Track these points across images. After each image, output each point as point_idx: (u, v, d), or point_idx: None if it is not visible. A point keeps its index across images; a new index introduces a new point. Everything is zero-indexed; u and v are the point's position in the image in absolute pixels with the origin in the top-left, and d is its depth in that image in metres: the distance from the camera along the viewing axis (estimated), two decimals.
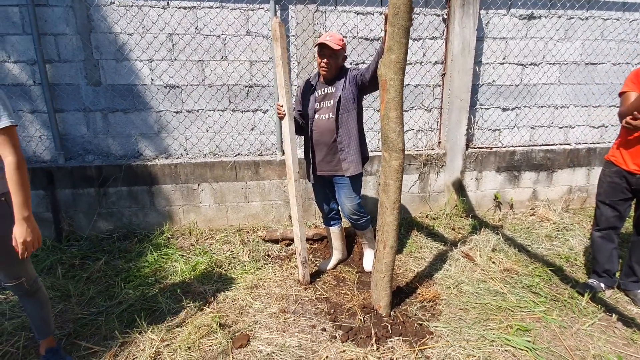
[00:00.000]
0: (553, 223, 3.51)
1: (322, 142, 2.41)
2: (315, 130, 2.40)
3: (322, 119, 2.38)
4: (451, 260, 2.80)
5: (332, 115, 2.34)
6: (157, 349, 1.90)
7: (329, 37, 2.26)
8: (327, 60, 2.28)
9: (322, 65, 2.31)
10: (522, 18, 3.53)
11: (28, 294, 1.72)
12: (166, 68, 3.14)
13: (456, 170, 3.66)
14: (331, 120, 2.35)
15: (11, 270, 1.63)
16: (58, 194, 3.09)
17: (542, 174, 3.83)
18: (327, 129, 2.37)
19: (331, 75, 2.36)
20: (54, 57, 2.98)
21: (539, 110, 3.81)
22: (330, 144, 2.39)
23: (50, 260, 2.76)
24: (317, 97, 2.41)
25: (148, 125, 3.23)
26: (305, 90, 2.48)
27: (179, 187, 3.25)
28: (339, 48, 2.26)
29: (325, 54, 2.28)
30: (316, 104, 2.40)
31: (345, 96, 2.32)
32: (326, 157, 2.43)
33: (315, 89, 2.43)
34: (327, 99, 2.38)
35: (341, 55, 2.33)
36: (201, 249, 2.97)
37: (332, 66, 2.30)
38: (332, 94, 2.36)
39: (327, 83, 2.40)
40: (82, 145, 3.19)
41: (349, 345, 1.94)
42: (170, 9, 3.03)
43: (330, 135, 2.37)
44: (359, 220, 2.56)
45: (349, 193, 2.46)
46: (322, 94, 2.40)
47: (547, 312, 2.24)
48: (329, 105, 2.37)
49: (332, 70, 2.32)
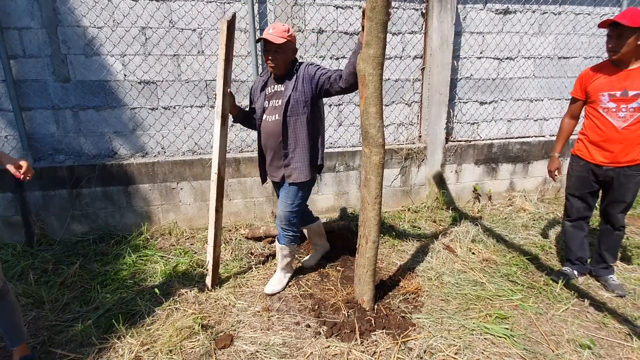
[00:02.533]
0: (529, 213, 3.63)
1: (268, 145, 2.21)
2: (263, 133, 2.21)
3: (269, 120, 2.17)
4: (433, 252, 2.85)
5: (279, 117, 2.13)
6: (136, 353, 1.86)
7: (272, 29, 2.04)
8: (272, 56, 2.07)
9: (268, 62, 2.10)
10: (498, 13, 3.59)
11: None
12: (140, 63, 3.02)
13: (436, 163, 3.71)
14: (278, 123, 2.13)
15: None
16: (27, 196, 2.95)
17: (518, 166, 3.94)
18: (273, 131, 2.16)
19: (280, 72, 2.14)
20: (19, 53, 2.82)
21: (515, 104, 3.91)
22: (277, 148, 2.19)
23: (22, 265, 2.64)
24: (266, 94, 2.22)
25: (122, 122, 3.12)
26: (257, 86, 2.28)
27: (157, 187, 3.16)
28: (284, 41, 2.03)
29: (269, 50, 2.06)
30: (265, 102, 2.21)
31: (296, 98, 2.10)
32: (273, 161, 2.24)
33: (266, 85, 2.24)
34: (275, 98, 2.18)
35: (289, 49, 2.10)
36: (182, 249, 2.91)
37: (279, 62, 2.09)
38: (281, 93, 2.16)
39: (278, 80, 2.19)
40: (51, 144, 3.04)
41: (333, 341, 1.95)
42: (142, 1, 2.91)
43: (277, 138, 2.16)
44: (286, 231, 2.32)
45: (286, 199, 2.25)
46: (272, 92, 2.20)
47: (523, 299, 2.32)
48: (276, 106, 2.16)
49: (280, 67, 2.11)
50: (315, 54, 3.30)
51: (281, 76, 2.18)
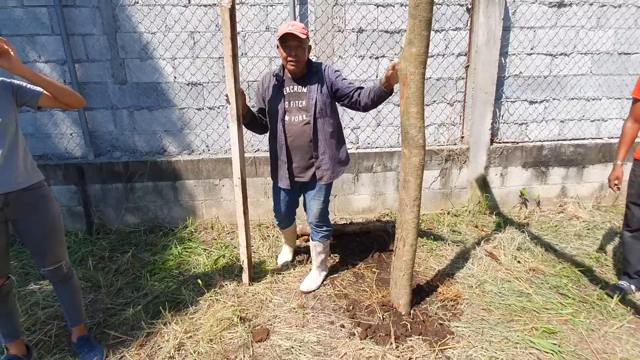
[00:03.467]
0: (583, 221, 3.36)
1: (296, 146, 2.19)
2: (288, 134, 2.18)
3: (295, 121, 2.15)
4: (474, 259, 2.74)
5: (306, 118, 2.13)
6: (180, 340, 1.97)
7: (291, 26, 1.97)
8: (295, 52, 2.01)
9: (290, 59, 2.03)
10: (551, 6, 3.36)
11: (64, 279, 1.82)
12: (188, 66, 3.19)
13: (480, 165, 3.56)
14: (306, 124, 2.14)
15: (56, 253, 1.75)
16: (88, 189, 3.23)
17: (571, 170, 3.67)
18: (301, 132, 2.15)
19: (300, 70, 2.10)
20: (83, 57, 3.10)
21: (569, 103, 3.64)
22: (306, 149, 2.19)
23: (82, 252, 2.90)
24: (285, 94, 2.16)
25: (171, 122, 3.31)
26: (268, 86, 2.21)
27: (201, 183, 3.33)
28: (305, 37, 2.00)
29: (292, 46, 2.00)
30: (285, 103, 2.15)
31: (323, 100, 2.12)
32: (301, 161, 2.22)
33: (282, 85, 2.16)
34: (298, 99, 2.14)
35: (307, 46, 2.08)
36: (223, 243, 3.04)
37: (300, 59, 2.04)
38: (304, 94, 2.13)
39: (296, 80, 2.14)
40: (110, 142, 3.31)
41: (367, 343, 1.94)
42: (192, 7, 3.07)
43: (306, 139, 2.16)
44: (320, 227, 2.37)
45: (319, 197, 2.29)
46: (292, 92, 2.15)
47: (574, 314, 2.16)
48: (301, 107, 2.14)
49: (301, 64, 2.07)
50: (355, 53, 3.29)
51: (300, 75, 2.14)
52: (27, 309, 2.26)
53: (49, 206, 1.71)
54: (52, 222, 1.71)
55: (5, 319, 1.76)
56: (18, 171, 1.61)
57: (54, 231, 1.72)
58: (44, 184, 1.74)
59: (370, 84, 3.37)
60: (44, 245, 1.71)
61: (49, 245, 1.72)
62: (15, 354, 1.80)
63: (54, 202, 1.74)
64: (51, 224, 1.71)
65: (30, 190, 1.66)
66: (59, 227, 1.75)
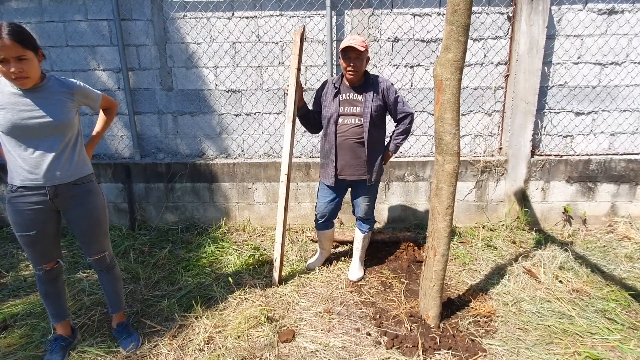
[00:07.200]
0: (635, 243, 3.09)
1: (346, 147, 2.38)
2: (340, 135, 2.37)
3: (348, 123, 2.35)
4: (510, 276, 2.61)
5: (358, 122, 2.33)
6: (210, 334, 2.04)
7: (352, 40, 2.20)
8: (354, 63, 2.24)
9: (349, 69, 2.26)
10: (601, 13, 3.19)
11: (107, 268, 1.96)
12: (229, 74, 3.36)
13: (519, 178, 3.40)
14: (358, 127, 2.34)
15: (100, 243, 1.88)
16: (134, 187, 3.46)
17: (623, 187, 3.40)
18: (353, 135, 2.35)
19: (358, 80, 2.33)
20: (135, 66, 3.36)
21: (620, 115, 3.40)
22: (356, 151, 2.38)
23: (125, 245, 3.10)
24: (341, 100, 2.37)
25: (211, 127, 3.49)
26: (326, 91, 2.43)
27: (235, 185, 3.45)
28: (364, 50, 2.21)
29: (351, 57, 2.23)
30: (340, 108, 2.36)
31: (376, 110, 2.32)
32: (350, 161, 2.40)
33: (339, 92, 2.38)
34: (353, 105, 2.35)
35: (365, 58, 2.29)
36: (253, 245, 3.11)
37: (358, 69, 2.26)
38: (360, 102, 2.33)
39: (353, 88, 2.35)
40: (155, 144, 3.54)
41: (393, 353, 1.90)
42: (235, 19, 3.25)
43: (356, 142, 2.36)
44: (370, 219, 2.64)
45: (369, 194, 2.52)
46: (348, 99, 2.36)
47: (623, 340, 1.98)
48: (355, 112, 2.34)
49: (359, 74, 2.29)
50: (390, 62, 3.31)
51: (357, 84, 2.35)
52: (75, 294, 2.44)
53: (95, 199, 1.82)
54: (97, 214, 1.82)
55: (54, 299, 1.91)
56: (70, 166, 1.72)
57: (98, 223, 1.84)
58: (93, 178, 1.84)
59: (403, 92, 3.37)
60: (89, 235, 1.83)
61: (93, 236, 1.84)
62: (61, 334, 1.95)
63: (100, 195, 1.85)
64: (96, 216, 1.82)
65: (78, 184, 1.77)
66: (103, 220, 1.86)
